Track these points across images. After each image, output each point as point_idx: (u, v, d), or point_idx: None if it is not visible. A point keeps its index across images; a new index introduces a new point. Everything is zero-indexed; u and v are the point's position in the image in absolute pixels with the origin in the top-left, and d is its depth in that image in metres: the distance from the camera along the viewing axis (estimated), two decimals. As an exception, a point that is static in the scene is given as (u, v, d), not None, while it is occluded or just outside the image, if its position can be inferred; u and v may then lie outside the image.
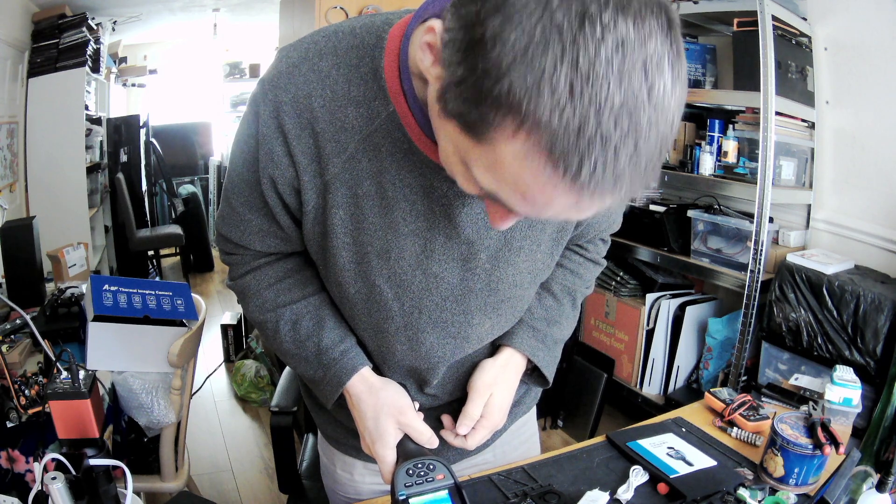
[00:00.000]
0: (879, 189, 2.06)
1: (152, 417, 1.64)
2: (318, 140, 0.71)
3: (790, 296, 2.02)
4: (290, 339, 0.86)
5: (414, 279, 0.79)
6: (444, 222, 0.75)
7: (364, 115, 0.70)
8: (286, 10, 3.03)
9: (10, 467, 1.41)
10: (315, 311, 0.86)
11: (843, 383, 1.16)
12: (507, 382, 0.92)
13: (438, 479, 0.78)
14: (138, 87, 5.85)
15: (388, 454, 0.81)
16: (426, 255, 0.77)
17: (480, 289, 0.82)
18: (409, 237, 0.76)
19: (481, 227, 0.76)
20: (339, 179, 0.73)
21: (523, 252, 0.82)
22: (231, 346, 3.56)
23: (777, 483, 0.98)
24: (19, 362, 1.63)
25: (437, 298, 0.81)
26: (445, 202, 0.74)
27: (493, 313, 0.86)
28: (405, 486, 0.77)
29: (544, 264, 0.87)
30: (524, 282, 0.86)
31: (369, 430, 0.84)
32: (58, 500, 0.80)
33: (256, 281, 0.88)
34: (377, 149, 0.71)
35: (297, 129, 0.71)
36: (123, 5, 4.10)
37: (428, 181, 0.72)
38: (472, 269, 0.80)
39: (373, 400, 0.84)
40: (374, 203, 0.74)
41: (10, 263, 1.99)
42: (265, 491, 2.44)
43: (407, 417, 0.82)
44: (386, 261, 0.77)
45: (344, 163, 0.72)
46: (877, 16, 1.99)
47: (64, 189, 3.58)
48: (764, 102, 1.98)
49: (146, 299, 1.67)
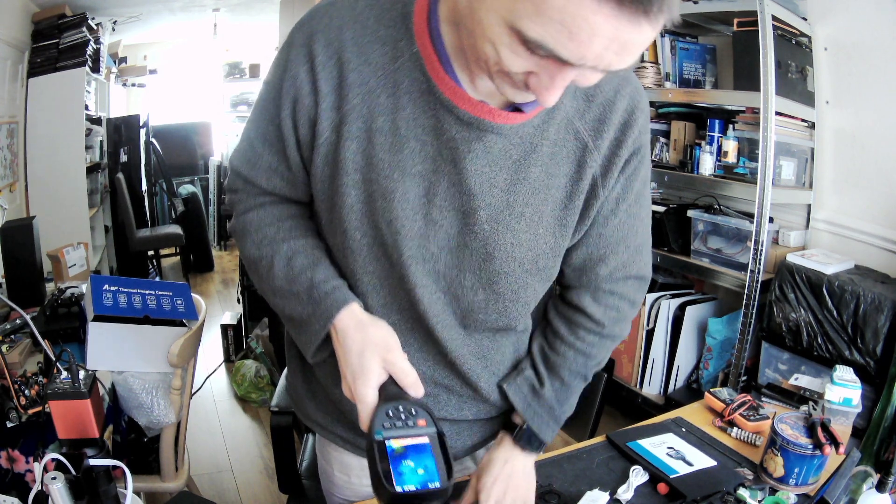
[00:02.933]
0: (879, 189, 2.06)
1: (152, 417, 1.64)
2: (343, 70, 0.75)
3: (790, 296, 2.02)
4: (283, 275, 0.85)
5: (414, 224, 0.79)
6: (450, 167, 0.77)
7: (389, 54, 0.75)
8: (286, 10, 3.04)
9: (10, 467, 1.41)
10: (311, 250, 0.86)
11: (843, 383, 1.16)
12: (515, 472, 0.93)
13: (420, 425, 0.72)
14: (138, 87, 5.85)
15: (368, 393, 0.76)
16: (428, 199, 0.79)
17: (477, 248, 0.82)
18: (414, 178, 0.78)
19: (484, 181, 0.78)
20: (357, 111, 0.76)
21: (524, 219, 0.81)
22: (231, 346, 3.56)
23: (777, 483, 0.98)
24: (19, 362, 1.63)
25: (434, 248, 0.81)
26: (453, 146, 0.76)
27: (487, 286, 0.85)
28: (383, 428, 0.70)
29: (547, 246, 0.84)
30: (523, 259, 0.83)
31: (352, 367, 0.79)
32: (58, 500, 0.80)
33: (259, 218, 0.89)
34: (396, 86, 0.75)
35: (324, 57, 0.75)
36: (123, 5, 4.10)
37: (440, 123, 0.75)
38: (471, 226, 0.80)
39: (360, 335, 0.80)
40: (386, 140, 0.77)
41: (10, 263, 1.99)
42: (265, 491, 2.44)
43: (393, 355, 0.78)
44: (389, 202, 0.78)
45: (363, 95, 0.76)
46: (877, 16, 1.99)
47: (64, 189, 3.58)
48: (764, 102, 1.98)
49: (146, 299, 1.67)
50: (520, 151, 0.78)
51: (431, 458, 0.69)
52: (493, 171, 0.78)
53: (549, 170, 0.80)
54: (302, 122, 0.79)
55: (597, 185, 0.82)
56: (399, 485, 0.66)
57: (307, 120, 0.79)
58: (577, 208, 0.83)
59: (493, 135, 0.76)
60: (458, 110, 0.74)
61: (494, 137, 0.76)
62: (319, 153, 0.80)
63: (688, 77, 2.47)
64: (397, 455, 0.68)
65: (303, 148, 0.82)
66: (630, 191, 0.86)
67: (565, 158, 0.81)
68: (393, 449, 0.69)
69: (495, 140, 0.76)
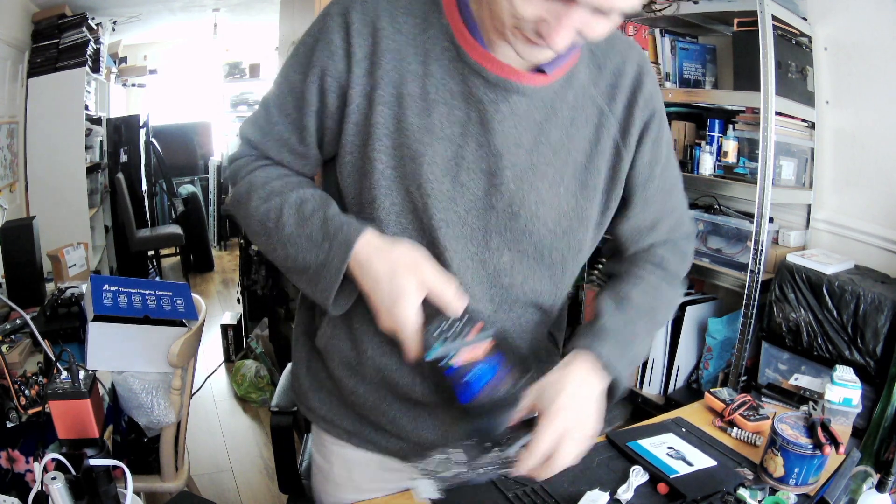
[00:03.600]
0: (879, 189, 2.06)
1: (152, 417, 1.64)
2: (377, 38, 0.79)
3: (790, 296, 2.02)
4: (293, 221, 0.82)
5: (442, 187, 0.81)
6: (478, 129, 0.80)
7: (419, 25, 0.80)
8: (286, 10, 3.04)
9: (10, 467, 1.41)
10: (321, 198, 0.85)
11: (843, 383, 1.16)
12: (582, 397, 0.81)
13: (474, 333, 0.65)
14: (138, 87, 5.85)
15: (410, 315, 0.72)
16: (457, 161, 0.81)
17: (503, 209, 0.83)
18: (443, 142, 0.80)
19: (510, 142, 0.81)
20: (388, 77, 0.79)
21: (547, 179, 0.83)
22: (231, 346, 3.57)
23: (777, 483, 0.98)
24: (19, 362, 1.63)
25: (461, 210, 0.82)
26: (481, 108, 0.80)
27: (513, 245, 0.85)
28: (435, 345, 0.64)
29: (569, 206, 0.86)
30: (547, 218, 0.84)
31: (386, 293, 0.75)
32: (58, 500, 0.80)
33: (266, 174, 0.88)
34: (426, 54, 0.80)
35: (360, 25, 0.79)
36: (123, 5, 4.10)
37: (468, 88, 0.79)
38: (497, 185, 0.82)
39: (385, 258, 0.76)
40: (416, 104, 0.80)
41: (10, 263, 1.99)
42: (265, 491, 2.44)
43: (425, 271, 0.75)
44: (419, 165, 0.80)
45: (395, 62, 0.79)
46: (877, 16, 1.99)
47: (64, 189, 3.58)
48: (764, 102, 1.98)
49: (146, 299, 1.67)
50: (542, 114, 0.82)
51: (497, 361, 0.64)
52: (518, 131, 0.81)
53: (569, 132, 0.84)
54: (332, 88, 0.81)
55: (619, 148, 0.87)
56: (467, 399, 0.60)
57: (337, 87, 0.81)
58: (599, 172, 0.86)
59: (518, 95, 0.80)
60: (487, 72, 0.78)
61: (519, 98, 0.80)
62: (350, 121, 0.81)
63: (688, 77, 2.47)
64: (460, 370, 0.62)
65: (327, 117, 0.83)
66: (659, 153, 0.90)
67: (584, 123, 0.85)
68: (453, 367, 0.63)
69: (520, 101, 0.80)
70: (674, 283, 0.99)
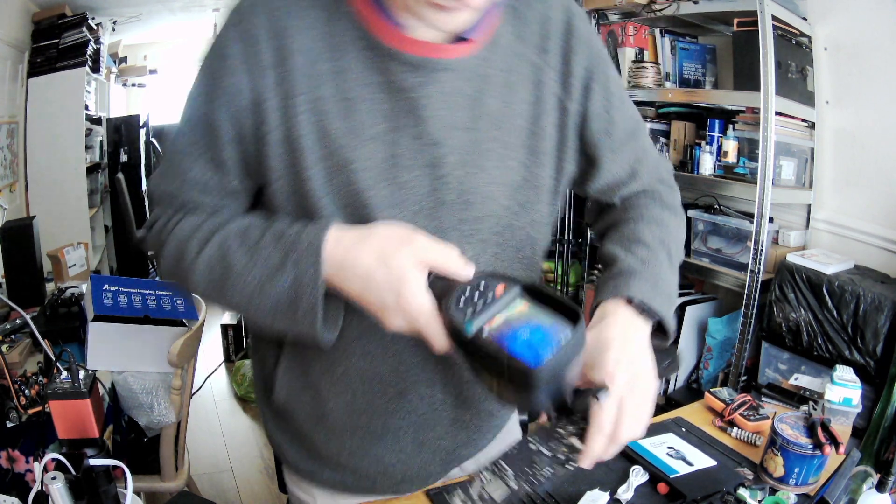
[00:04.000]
0: (879, 189, 2.06)
1: (152, 417, 1.64)
2: (282, 40, 0.69)
3: (790, 296, 2.02)
4: (241, 254, 0.69)
5: (381, 193, 0.72)
6: (410, 120, 0.72)
7: (323, 17, 0.71)
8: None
9: (10, 467, 1.41)
10: (264, 218, 0.74)
11: (843, 383, 1.16)
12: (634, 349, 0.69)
13: (499, 293, 0.57)
14: (138, 87, 5.85)
15: (420, 299, 0.61)
16: (392, 161, 0.73)
17: (453, 201, 0.76)
18: (372, 142, 0.72)
19: (446, 125, 0.74)
20: (301, 83, 0.70)
21: (493, 155, 0.77)
22: (231, 346, 3.57)
23: (777, 483, 0.98)
24: (19, 362, 1.63)
25: (408, 214, 0.74)
26: (408, 96, 0.72)
27: (472, 235, 0.78)
28: (466, 321, 0.55)
29: (522, 177, 0.79)
30: (500, 196, 0.78)
31: (382, 286, 0.63)
32: (58, 500, 0.80)
33: (192, 220, 0.76)
34: (337, 48, 0.71)
35: (260, 30, 0.69)
36: (123, 5, 4.09)
37: (389, 76, 0.71)
38: (443, 177, 0.74)
39: (368, 247, 0.64)
40: (336, 107, 0.71)
41: (10, 263, 1.99)
42: (265, 491, 2.44)
43: (420, 246, 0.64)
44: (351, 173, 0.71)
45: (305, 64, 0.70)
46: (877, 16, 1.99)
47: (64, 189, 3.58)
48: (764, 102, 1.98)
49: (146, 299, 1.67)
50: (473, 86, 0.75)
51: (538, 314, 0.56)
52: (451, 112, 0.74)
53: (507, 99, 0.77)
54: (243, 108, 0.71)
55: (562, 102, 0.80)
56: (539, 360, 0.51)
57: (249, 105, 0.71)
58: (546, 133, 0.80)
59: (445, 72, 0.73)
60: (405, 55, 0.71)
61: (446, 75, 0.73)
62: (270, 141, 0.71)
63: (688, 77, 2.47)
64: (514, 333, 0.54)
65: (245, 143, 0.73)
66: (612, 96, 0.83)
67: (520, 84, 0.78)
68: (504, 334, 0.55)
69: (447, 78, 0.73)
70: (675, 213, 0.90)
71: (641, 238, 0.81)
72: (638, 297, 0.72)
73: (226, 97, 0.71)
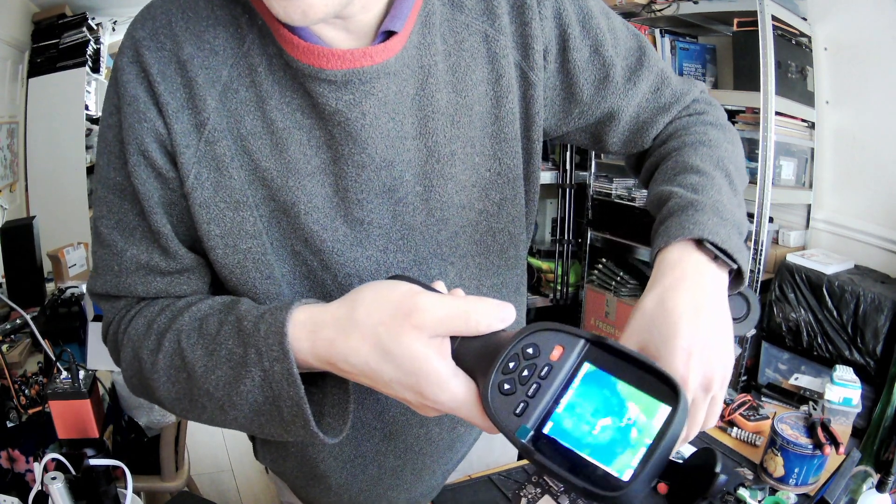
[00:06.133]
0: (879, 189, 2.06)
1: (152, 417, 1.64)
2: (187, 71, 0.58)
3: (790, 296, 2.02)
4: (200, 352, 0.57)
5: (336, 234, 0.62)
6: (349, 146, 0.60)
7: (233, 35, 0.59)
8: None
9: (10, 467, 1.41)
10: (224, 302, 0.62)
11: (843, 383, 1.16)
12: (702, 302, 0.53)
13: (555, 357, 0.43)
14: (138, 87, 5.85)
15: (447, 393, 0.47)
16: (340, 196, 0.62)
17: (422, 222, 0.65)
18: (314, 177, 0.61)
19: (394, 141, 0.62)
20: (219, 120, 0.59)
21: (457, 159, 0.65)
22: (231, 346, 3.56)
23: (777, 483, 0.98)
24: (19, 362, 1.63)
25: (374, 252, 0.64)
26: (342, 119, 0.59)
27: (451, 254, 0.68)
28: (516, 414, 0.42)
29: (494, 171, 0.69)
30: (474, 200, 0.68)
31: (391, 385, 0.49)
32: (58, 500, 0.80)
33: (144, 315, 0.64)
34: (253, 71, 0.59)
35: (160, 64, 0.57)
36: (123, 5, 4.10)
37: (317, 100, 0.58)
38: (403, 199, 0.64)
39: (355, 335, 0.50)
40: (263, 143, 0.60)
41: (10, 263, 1.99)
42: (265, 491, 2.44)
43: (423, 312, 0.48)
44: (296, 217, 0.61)
45: (220, 96, 0.58)
46: (877, 16, 1.99)
47: (64, 189, 3.58)
48: (764, 102, 1.98)
49: (146, 299, 1.66)
50: (414, 84, 0.62)
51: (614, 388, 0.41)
52: (395, 123, 0.61)
53: (457, 86, 0.65)
54: (159, 158, 0.59)
55: (524, 70, 0.68)
56: (617, 479, 0.38)
57: (164, 153, 0.59)
58: (511, 113, 0.68)
59: (376, 81, 0.59)
60: (326, 73, 0.57)
61: (379, 83, 0.59)
62: (197, 199, 0.59)
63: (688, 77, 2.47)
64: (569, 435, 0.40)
65: (177, 201, 0.61)
66: (600, 33, 0.70)
67: (470, 62, 0.65)
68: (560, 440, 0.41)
69: (381, 86, 0.59)
70: (724, 129, 0.75)
71: (690, 164, 0.67)
72: (708, 232, 0.56)
73: (140, 152, 0.59)
